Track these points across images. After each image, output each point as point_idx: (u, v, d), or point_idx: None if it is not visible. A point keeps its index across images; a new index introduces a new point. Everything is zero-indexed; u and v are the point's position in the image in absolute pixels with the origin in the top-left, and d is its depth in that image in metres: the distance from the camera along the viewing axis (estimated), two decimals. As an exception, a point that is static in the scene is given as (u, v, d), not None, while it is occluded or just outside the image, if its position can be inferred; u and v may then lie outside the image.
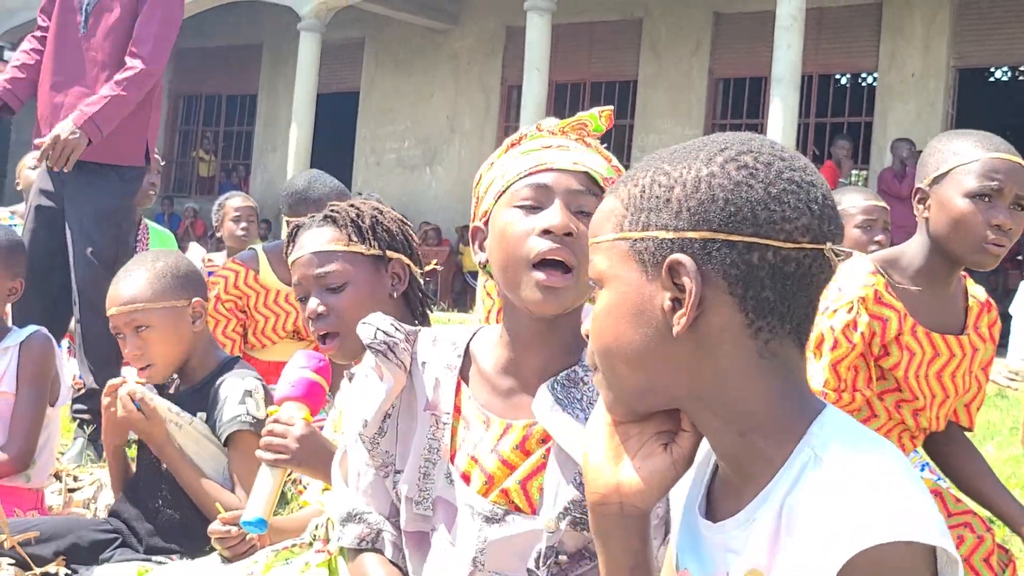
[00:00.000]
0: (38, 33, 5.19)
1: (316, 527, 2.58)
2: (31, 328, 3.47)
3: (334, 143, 19.45)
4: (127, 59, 4.86)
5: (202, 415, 2.99)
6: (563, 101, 17.55)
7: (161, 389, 3.13)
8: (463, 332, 1.96)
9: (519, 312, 1.84)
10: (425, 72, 19.00)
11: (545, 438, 1.83)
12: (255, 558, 2.52)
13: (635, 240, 1.30)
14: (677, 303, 1.27)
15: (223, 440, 2.97)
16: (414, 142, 19.02)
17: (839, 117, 16.22)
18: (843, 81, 17.33)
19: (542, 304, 1.78)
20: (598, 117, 1.93)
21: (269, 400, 2.98)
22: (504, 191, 1.85)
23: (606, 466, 1.36)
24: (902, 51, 15.43)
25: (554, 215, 1.78)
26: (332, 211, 2.55)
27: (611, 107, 1.98)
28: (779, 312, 1.28)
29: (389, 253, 2.54)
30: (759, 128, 15.97)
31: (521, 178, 1.83)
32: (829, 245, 1.28)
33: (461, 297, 16.65)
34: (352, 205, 2.57)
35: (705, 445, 1.37)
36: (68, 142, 4.57)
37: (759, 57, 15.00)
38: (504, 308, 1.89)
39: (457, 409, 1.91)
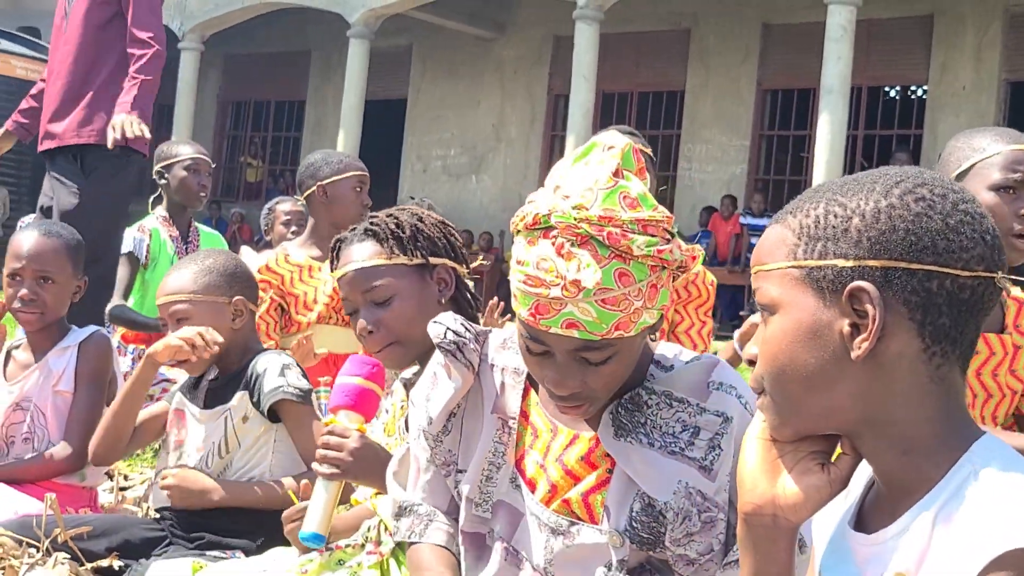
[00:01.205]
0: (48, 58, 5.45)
1: (368, 529, 2.60)
2: (90, 328, 3.51)
3: (381, 150, 19.54)
4: (133, 46, 5.10)
5: (242, 394, 3.01)
6: (610, 110, 17.55)
7: (198, 379, 3.16)
8: None
9: None
10: (472, 80, 19.07)
11: (608, 453, 1.86)
12: (309, 556, 2.54)
13: (812, 268, 1.34)
14: (855, 328, 1.32)
15: (266, 413, 2.99)
16: (460, 150, 19.10)
17: (888, 130, 16.16)
18: (892, 93, 17.25)
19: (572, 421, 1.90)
20: (572, 218, 1.74)
21: (306, 378, 3.03)
22: (517, 320, 1.83)
23: (762, 478, 1.40)
24: (953, 63, 15.34)
25: (551, 370, 1.79)
26: (372, 224, 2.54)
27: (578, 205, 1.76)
28: (952, 338, 1.33)
29: (432, 260, 2.53)
30: (807, 139, 15.93)
31: (523, 323, 1.78)
32: (1000, 274, 1.34)
33: (506, 304, 16.66)
34: (391, 215, 2.57)
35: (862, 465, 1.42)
36: (130, 119, 4.83)
37: (808, 68, 14.95)
38: None
39: (524, 414, 1.95)
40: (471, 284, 2.65)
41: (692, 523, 1.80)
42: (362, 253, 2.50)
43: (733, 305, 15.86)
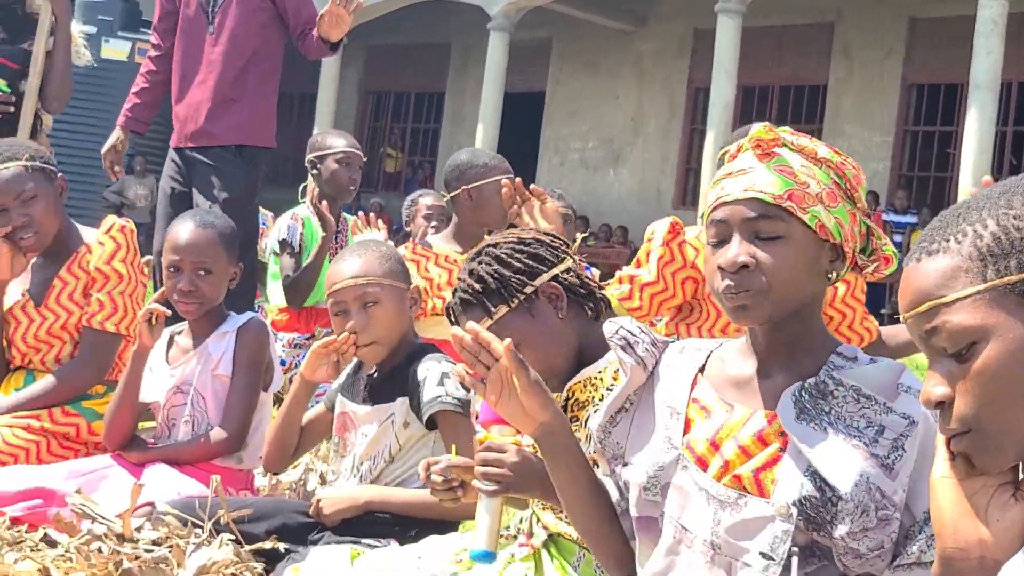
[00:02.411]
0: (154, 53, 5.62)
1: (521, 520, 2.63)
2: (248, 315, 3.58)
3: (519, 143, 19.61)
4: (301, 39, 5.38)
5: (403, 400, 3.04)
6: (751, 105, 17.39)
7: (354, 375, 3.21)
8: (712, 342, 2.08)
9: (754, 328, 1.97)
10: (611, 73, 19.04)
11: (783, 431, 1.88)
12: (464, 546, 2.57)
13: (1014, 283, 1.33)
14: None
15: (425, 421, 3.01)
16: (598, 143, 19.09)
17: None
18: (1044, 89, 16.78)
19: (737, 320, 1.93)
20: (764, 131, 1.97)
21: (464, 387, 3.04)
22: (705, 224, 1.99)
23: (963, 521, 1.39)
24: (1109, 58, 14.88)
25: (728, 252, 1.90)
26: (463, 293, 2.50)
27: (767, 124, 2.00)
28: None
29: (530, 287, 2.46)
30: (954, 136, 15.59)
31: (708, 216, 1.96)
32: None
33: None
34: (472, 272, 2.50)
35: None
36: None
37: (955, 63, 14.64)
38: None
39: (694, 399, 2.00)
40: (582, 273, 2.57)
41: (869, 518, 1.81)
42: (472, 321, 2.38)
43: (873, 301, 15.60)
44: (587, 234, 15.47)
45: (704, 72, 16.26)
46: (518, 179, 4.30)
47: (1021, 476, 1.38)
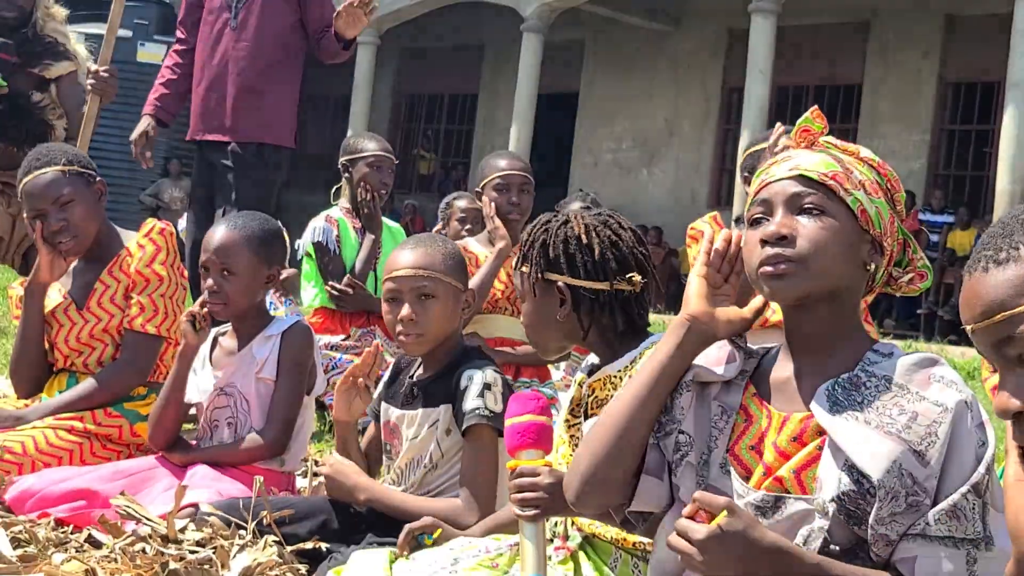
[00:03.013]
0: (179, 47, 5.62)
1: (556, 524, 2.64)
2: (294, 318, 3.61)
3: (552, 144, 19.61)
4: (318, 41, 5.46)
5: (447, 407, 3.04)
6: (785, 105, 17.30)
7: (394, 379, 3.23)
8: (759, 349, 2.11)
9: (791, 315, 1.98)
10: (645, 74, 19.00)
11: (820, 430, 1.90)
12: (500, 550, 2.58)
13: None
14: None
15: (463, 431, 3.00)
16: (632, 144, 19.05)
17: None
18: (1082, 87, 16.64)
19: (773, 294, 1.95)
20: (812, 119, 2.03)
21: (504, 388, 3.03)
22: (748, 210, 2.03)
23: None
24: None
25: (770, 225, 1.94)
26: (529, 231, 2.66)
27: (815, 107, 2.07)
28: None
29: (550, 277, 2.57)
30: (991, 134, 15.49)
31: (751, 200, 2.00)
32: None
33: (675, 300, 16.59)
34: (547, 224, 2.62)
35: None
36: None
37: (993, 61, 14.52)
38: (783, 313, 2.02)
39: (743, 407, 2.02)
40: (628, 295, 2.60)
41: (898, 503, 1.82)
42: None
43: (910, 303, 15.52)
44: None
45: (738, 72, 16.21)
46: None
47: None
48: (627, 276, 2.56)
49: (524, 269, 2.59)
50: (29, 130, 4.60)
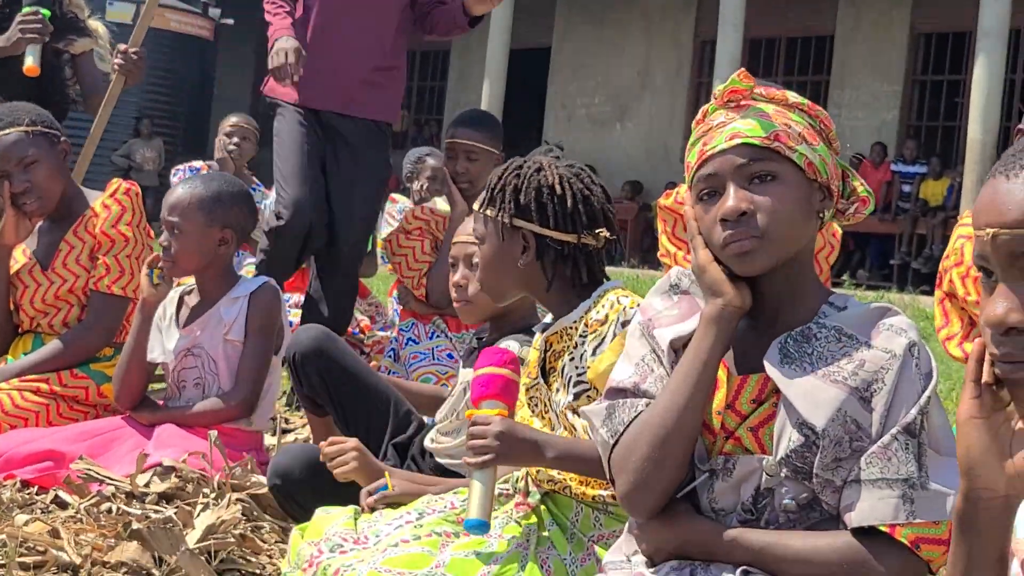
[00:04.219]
0: (280, 9, 4.94)
1: (517, 480, 2.64)
2: (260, 279, 3.60)
3: (525, 99, 19.54)
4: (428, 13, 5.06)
5: None
6: (758, 57, 17.29)
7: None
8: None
9: (751, 280, 1.97)
10: (617, 27, 18.92)
11: (777, 388, 1.90)
12: (463, 505, 2.58)
13: None
14: None
15: None
16: (604, 98, 19.00)
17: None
18: (1053, 36, 16.67)
19: (741, 270, 1.93)
20: (739, 79, 2.01)
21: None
22: (691, 186, 2.00)
23: (991, 460, 1.39)
24: (1117, 4, 14.77)
25: (726, 201, 1.91)
26: (496, 174, 2.59)
27: (743, 71, 2.04)
28: None
29: (518, 223, 2.53)
30: (962, 84, 15.51)
31: (695, 174, 1.97)
32: None
33: (650, 254, 16.61)
34: (508, 165, 2.59)
35: None
36: None
37: (963, 11, 14.53)
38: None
39: None
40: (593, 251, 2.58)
41: (842, 449, 1.84)
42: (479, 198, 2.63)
43: (883, 254, 15.59)
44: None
45: (711, 25, 16.16)
46: None
47: None
48: (595, 231, 2.56)
49: (489, 212, 2.56)
50: (58, 103, 4.56)
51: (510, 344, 2.92)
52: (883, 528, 1.81)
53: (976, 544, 1.42)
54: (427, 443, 3.06)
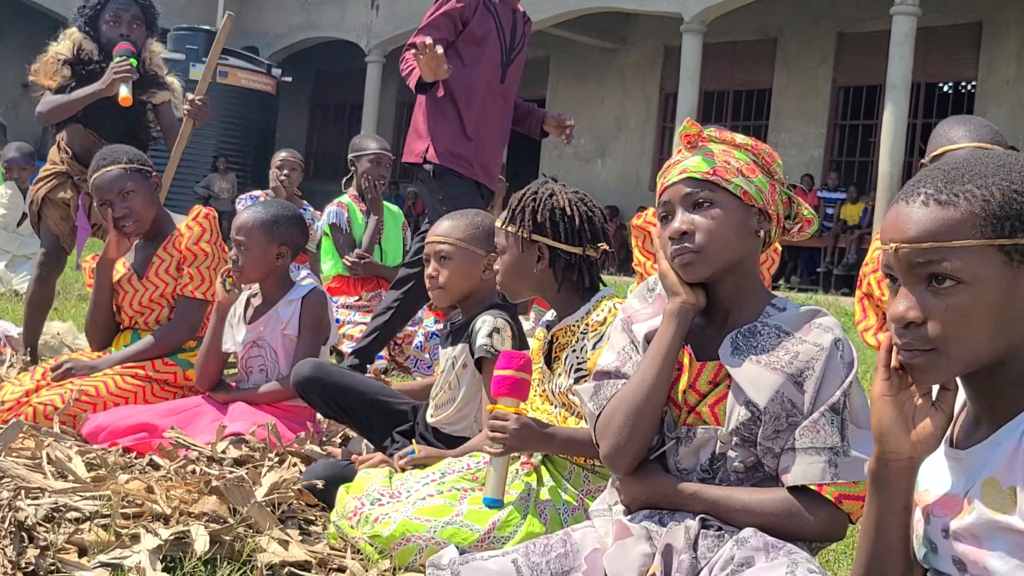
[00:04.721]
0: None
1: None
2: (310, 285, 3.58)
3: (526, 140, 19.50)
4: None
5: (464, 345, 2.96)
6: (711, 106, 17.31)
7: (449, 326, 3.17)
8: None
9: (705, 285, 1.97)
10: (598, 83, 18.93)
11: (729, 373, 1.91)
12: (479, 466, 2.57)
13: (1006, 245, 1.32)
14: None
15: (475, 363, 2.92)
16: (588, 139, 18.99)
17: (942, 119, 15.59)
18: (946, 88, 16.64)
19: (686, 277, 1.94)
20: (688, 127, 2.00)
21: (515, 335, 2.95)
22: (656, 209, 2.02)
23: (898, 429, 1.40)
24: (998, 62, 14.76)
25: (673, 224, 1.94)
26: (518, 197, 2.58)
27: (689, 119, 2.05)
28: None
29: (536, 238, 2.52)
30: (874, 127, 15.50)
31: (658, 200, 1.99)
32: None
33: (625, 264, 16.60)
34: (525, 192, 2.58)
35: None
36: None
37: (875, 68, 14.54)
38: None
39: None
40: (593, 262, 2.58)
41: (780, 423, 1.85)
42: (501, 215, 2.61)
43: (811, 263, 15.57)
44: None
45: (673, 80, 16.17)
46: None
47: (947, 392, 1.40)
48: (596, 245, 2.56)
49: (511, 228, 2.55)
50: (142, 140, 4.59)
51: (487, 319, 2.92)
52: (813, 487, 1.82)
53: (886, 497, 1.43)
54: (428, 418, 3.04)
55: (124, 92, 4.30)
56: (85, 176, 4.44)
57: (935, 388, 1.41)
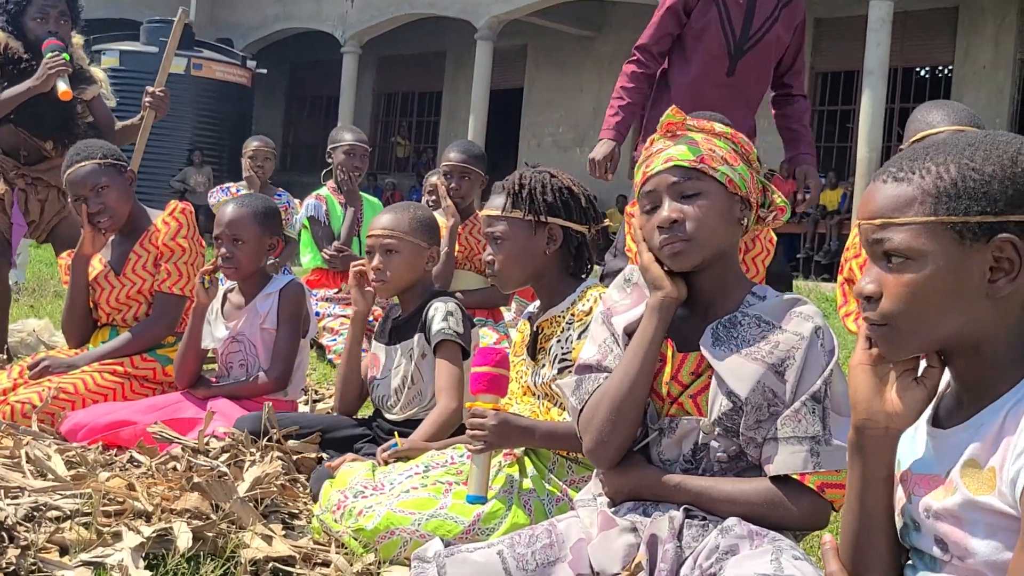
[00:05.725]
0: (639, 70, 4.53)
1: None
2: (288, 277, 3.57)
3: (504, 130, 19.51)
4: (795, 94, 4.72)
5: (420, 335, 3.00)
6: (688, 93, 17.30)
7: (384, 323, 3.18)
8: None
9: (688, 276, 1.97)
10: (575, 72, 18.92)
11: (711, 364, 1.91)
12: (462, 459, 2.57)
13: (956, 223, 1.32)
14: (990, 271, 1.32)
15: (433, 349, 2.96)
16: (567, 128, 19.00)
17: (920, 104, 15.67)
18: (923, 73, 16.73)
19: (674, 266, 1.94)
20: (672, 115, 2.01)
21: (465, 317, 2.99)
22: (637, 200, 2.01)
23: (874, 398, 1.42)
24: (975, 47, 14.84)
25: (661, 212, 1.93)
26: (505, 182, 2.56)
27: (674, 107, 2.03)
28: None
29: (550, 220, 2.50)
30: (852, 113, 15.55)
31: (639, 192, 1.98)
32: None
33: (602, 252, 16.59)
34: (521, 175, 2.55)
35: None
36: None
37: (853, 54, 14.59)
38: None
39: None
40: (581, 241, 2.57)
41: (762, 413, 1.86)
42: (493, 203, 2.56)
43: (790, 249, 15.62)
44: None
45: (650, 68, 16.15)
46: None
47: (932, 369, 1.42)
48: (597, 224, 2.57)
49: (517, 213, 2.51)
50: (75, 135, 4.54)
51: (438, 307, 2.98)
52: (795, 476, 1.83)
53: (865, 466, 1.44)
54: (393, 416, 3.05)
55: (63, 87, 4.29)
56: (19, 172, 4.44)
57: (922, 364, 1.42)
